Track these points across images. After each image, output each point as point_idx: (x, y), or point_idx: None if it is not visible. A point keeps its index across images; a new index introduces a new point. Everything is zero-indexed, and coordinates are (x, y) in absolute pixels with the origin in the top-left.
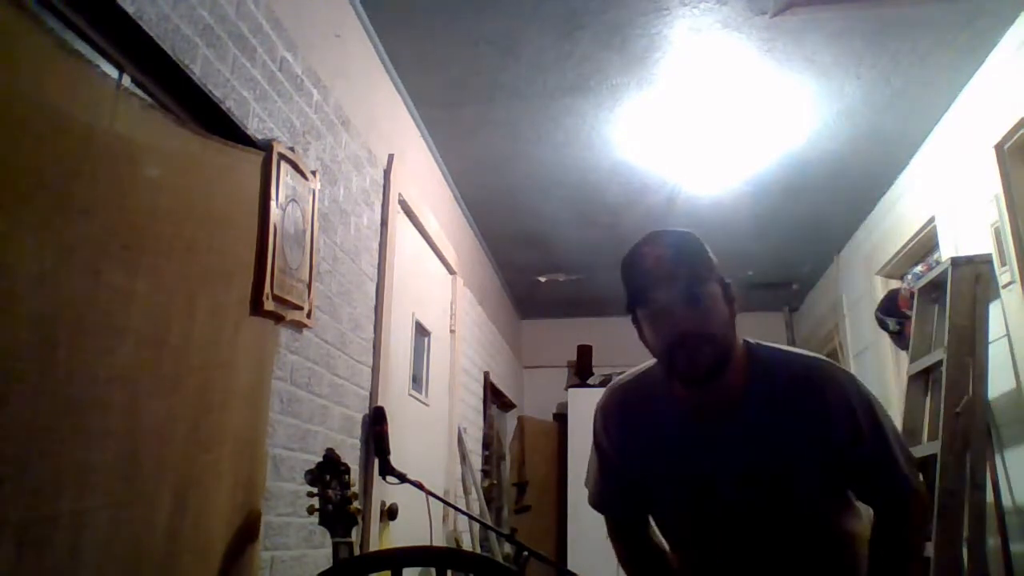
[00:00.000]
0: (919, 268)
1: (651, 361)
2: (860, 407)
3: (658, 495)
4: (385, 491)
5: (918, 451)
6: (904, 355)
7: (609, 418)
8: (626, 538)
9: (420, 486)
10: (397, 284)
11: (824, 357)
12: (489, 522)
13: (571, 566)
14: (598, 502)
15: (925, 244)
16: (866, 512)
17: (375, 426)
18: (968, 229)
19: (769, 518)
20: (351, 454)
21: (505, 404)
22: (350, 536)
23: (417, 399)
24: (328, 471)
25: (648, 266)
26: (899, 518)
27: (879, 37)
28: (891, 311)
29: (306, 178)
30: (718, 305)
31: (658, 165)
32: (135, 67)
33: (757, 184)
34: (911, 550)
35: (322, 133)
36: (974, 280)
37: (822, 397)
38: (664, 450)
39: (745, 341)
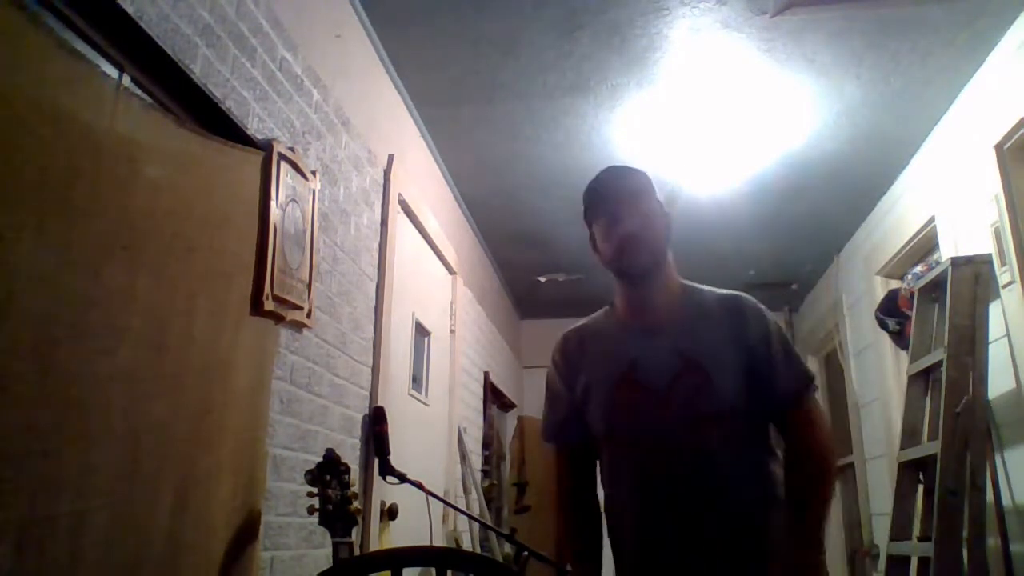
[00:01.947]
0: (919, 268)
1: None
2: (774, 327)
3: (596, 406)
4: (385, 491)
5: (918, 451)
6: (904, 355)
7: (557, 356)
8: (570, 480)
9: (420, 486)
10: (397, 284)
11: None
12: (489, 522)
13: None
14: (546, 429)
15: (925, 244)
16: None
17: (375, 426)
18: (968, 229)
19: (696, 423)
20: (351, 454)
21: (505, 404)
22: (350, 536)
23: (417, 399)
24: (328, 471)
25: (603, 188)
26: (806, 422)
27: (879, 37)
28: (891, 311)
29: (306, 178)
30: (655, 220)
31: (658, 165)
32: (135, 67)
33: (757, 184)
34: (822, 459)
35: (322, 133)
36: (974, 280)
37: (744, 315)
38: (605, 363)
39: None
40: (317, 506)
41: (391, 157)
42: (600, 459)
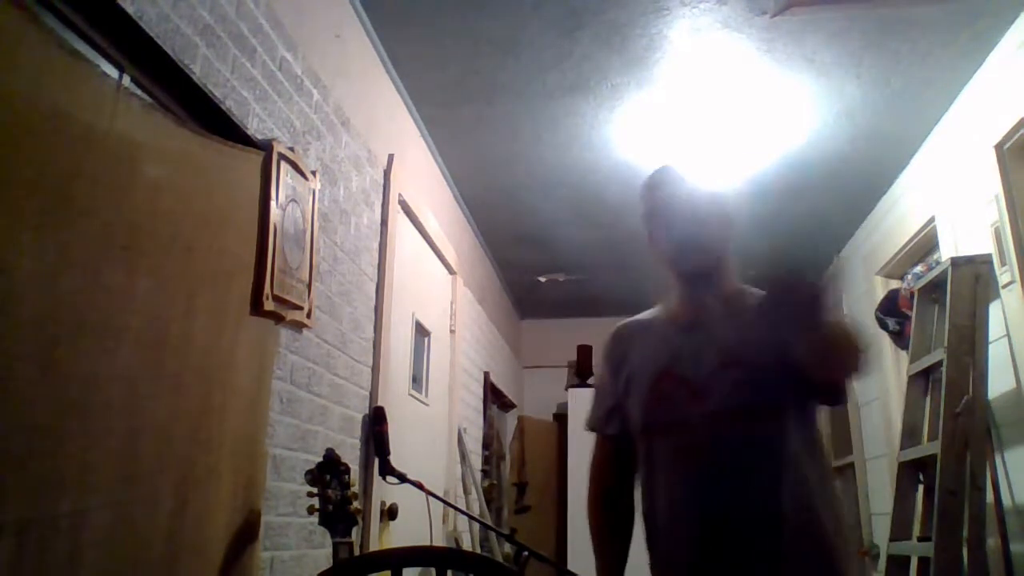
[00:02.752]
0: (919, 268)
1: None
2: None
3: (636, 398)
4: (385, 491)
5: (918, 451)
6: (904, 355)
7: (606, 349)
8: (608, 472)
9: (420, 486)
10: (397, 284)
11: None
12: (489, 522)
13: (571, 566)
14: (592, 420)
15: (925, 244)
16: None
17: (375, 426)
18: (968, 229)
19: (733, 418)
20: (351, 454)
21: (505, 404)
22: (350, 536)
23: (417, 399)
24: (328, 471)
25: (664, 186)
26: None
27: (879, 37)
28: (891, 311)
29: (306, 178)
30: (718, 220)
31: (658, 165)
32: (135, 67)
33: (757, 184)
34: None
35: (322, 133)
36: (974, 280)
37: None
38: (647, 356)
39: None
40: (317, 506)
41: (391, 157)
42: (638, 454)
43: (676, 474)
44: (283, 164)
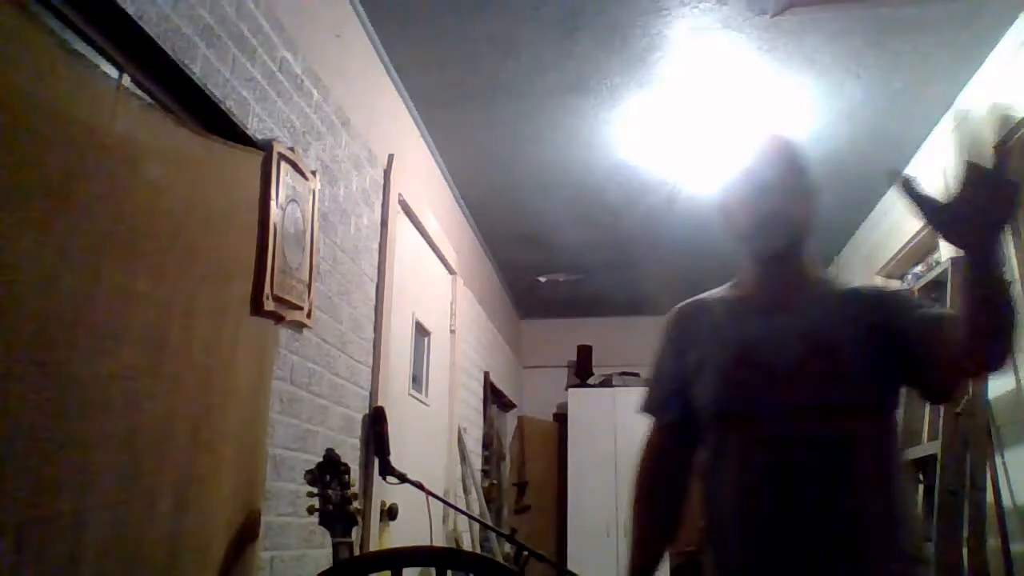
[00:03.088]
0: (919, 268)
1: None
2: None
3: (707, 384)
4: (385, 491)
5: (918, 451)
6: None
7: (669, 328)
8: (661, 458)
9: (420, 486)
10: (397, 284)
11: None
12: (489, 522)
13: (571, 566)
14: (648, 403)
15: (925, 244)
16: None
17: (375, 426)
18: None
19: (820, 412)
20: (351, 454)
21: (505, 404)
22: (350, 536)
23: (417, 399)
24: (328, 471)
25: (756, 158)
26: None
27: (879, 37)
28: None
29: (306, 178)
30: (803, 200)
31: (658, 165)
32: (135, 67)
33: None
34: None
35: (322, 133)
36: None
37: (872, 297)
38: (721, 339)
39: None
40: (317, 506)
41: (391, 157)
42: (704, 444)
43: (749, 469)
44: (283, 164)
